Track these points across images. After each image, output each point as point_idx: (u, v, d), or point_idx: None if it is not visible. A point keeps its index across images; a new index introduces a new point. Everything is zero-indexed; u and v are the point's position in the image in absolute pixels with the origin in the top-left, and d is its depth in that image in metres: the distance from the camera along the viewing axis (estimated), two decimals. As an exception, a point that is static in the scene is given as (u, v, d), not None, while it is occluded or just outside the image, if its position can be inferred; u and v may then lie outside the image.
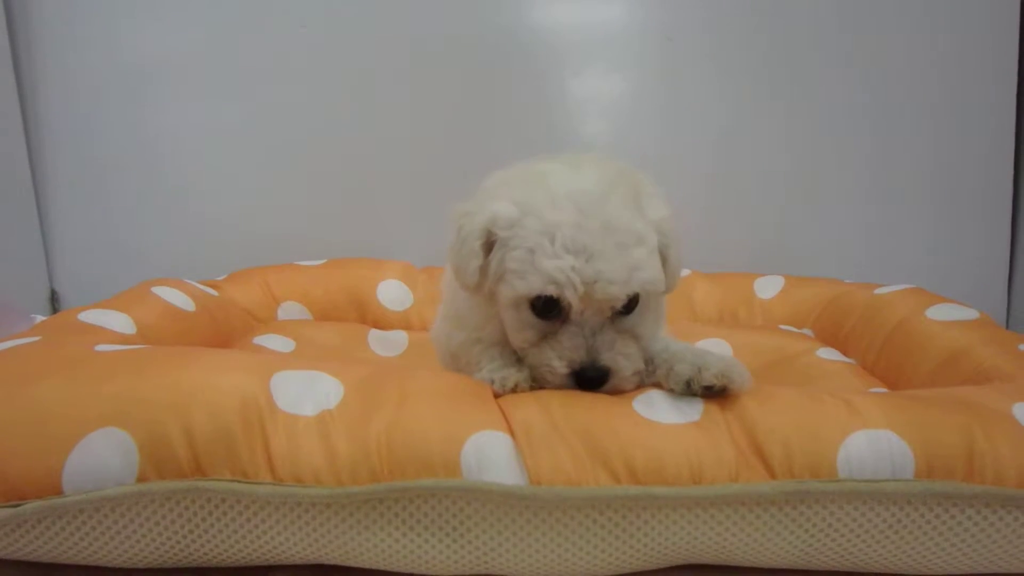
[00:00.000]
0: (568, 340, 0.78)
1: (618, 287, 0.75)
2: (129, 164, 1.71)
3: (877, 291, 1.35)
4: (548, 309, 0.78)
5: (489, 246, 0.80)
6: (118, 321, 1.01)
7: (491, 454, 0.68)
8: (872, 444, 0.70)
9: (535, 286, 0.76)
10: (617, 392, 0.79)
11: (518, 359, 0.85)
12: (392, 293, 1.53)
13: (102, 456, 0.65)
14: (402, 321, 1.50)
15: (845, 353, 1.29)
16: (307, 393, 0.72)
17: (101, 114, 1.70)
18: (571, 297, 0.75)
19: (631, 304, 0.79)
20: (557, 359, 0.78)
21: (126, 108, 1.70)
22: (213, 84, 1.70)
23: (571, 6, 1.71)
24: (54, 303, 1.73)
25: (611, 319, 0.79)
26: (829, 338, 1.38)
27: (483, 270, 0.81)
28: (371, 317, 1.51)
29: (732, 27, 1.69)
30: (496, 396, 0.78)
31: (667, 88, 1.73)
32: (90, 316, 0.99)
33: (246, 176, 1.74)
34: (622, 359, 0.78)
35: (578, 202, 0.76)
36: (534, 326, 0.80)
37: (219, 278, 1.49)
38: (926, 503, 0.69)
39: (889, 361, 1.18)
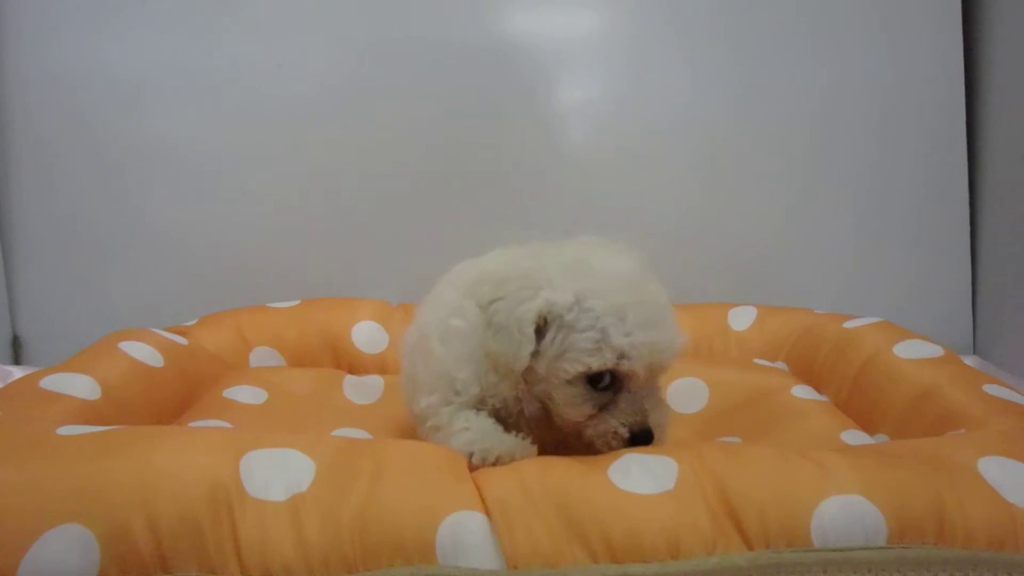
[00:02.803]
0: (628, 406, 0.84)
1: (671, 354, 0.84)
2: (96, 205, 1.68)
3: (846, 324, 1.37)
4: (603, 381, 0.83)
5: (539, 331, 0.84)
6: (82, 385, 0.98)
7: (466, 536, 0.67)
8: (844, 509, 0.70)
9: (609, 361, 0.81)
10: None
11: (495, 424, 0.87)
12: (367, 335, 1.51)
13: (60, 554, 0.63)
14: (377, 364, 1.49)
15: (818, 389, 1.30)
16: (277, 474, 0.70)
17: (69, 153, 1.67)
18: (640, 368, 0.82)
19: None
20: (621, 426, 0.84)
21: (94, 147, 1.67)
22: (181, 125, 1.69)
23: (551, 16, 1.72)
24: (16, 348, 1.69)
25: None
26: (803, 371, 1.39)
27: (535, 353, 0.85)
28: (346, 360, 1.49)
29: (712, 54, 1.72)
30: (471, 468, 0.77)
31: (641, 118, 1.74)
32: (52, 382, 0.97)
33: (216, 212, 1.72)
34: (665, 420, 0.87)
35: (629, 284, 0.84)
36: (591, 399, 0.84)
37: (189, 322, 1.46)
38: (900, 569, 0.68)
39: (860, 399, 1.20)
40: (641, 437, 0.84)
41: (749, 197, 1.75)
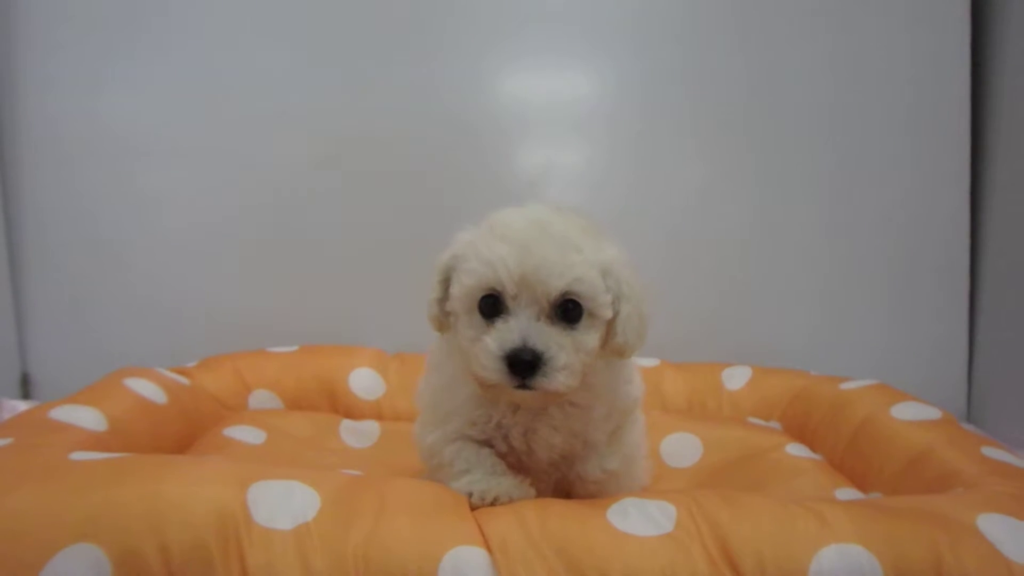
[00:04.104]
0: (504, 327, 0.81)
1: (551, 277, 0.80)
2: (103, 251, 1.71)
3: (842, 386, 1.38)
4: (494, 309, 0.82)
5: (448, 282, 0.87)
6: (89, 418, 1.00)
7: (468, 572, 0.68)
8: (843, 559, 0.71)
9: (475, 273, 0.81)
10: (549, 392, 0.81)
11: (494, 465, 0.87)
12: (364, 382, 1.53)
13: (74, 573, 0.64)
14: (373, 410, 1.50)
15: (812, 448, 1.31)
16: (284, 505, 0.72)
17: (77, 198, 1.70)
18: (505, 280, 0.80)
19: (572, 313, 0.83)
20: (492, 341, 0.80)
21: (101, 192, 1.70)
22: (183, 170, 1.72)
23: (543, 79, 1.76)
24: (25, 386, 1.70)
25: (552, 322, 0.82)
26: (797, 431, 1.40)
27: (442, 303, 0.87)
28: (343, 406, 1.50)
29: (702, 119, 1.76)
30: (472, 507, 0.78)
31: (632, 183, 1.77)
32: (61, 413, 0.98)
33: (219, 259, 1.74)
34: (555, 347, 0.81)
35: (520, 215, 0.85)
36: (479, 326, 0.83)
37: (190, 364, 1.48)
38: (897, 620, 0.70)
39: (855, 459, 1.20)
40: (520, 361, 0.79)
41: (739, 259, 1.78)
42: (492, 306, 0.82)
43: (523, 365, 0.79)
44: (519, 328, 0.80)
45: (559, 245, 0.81)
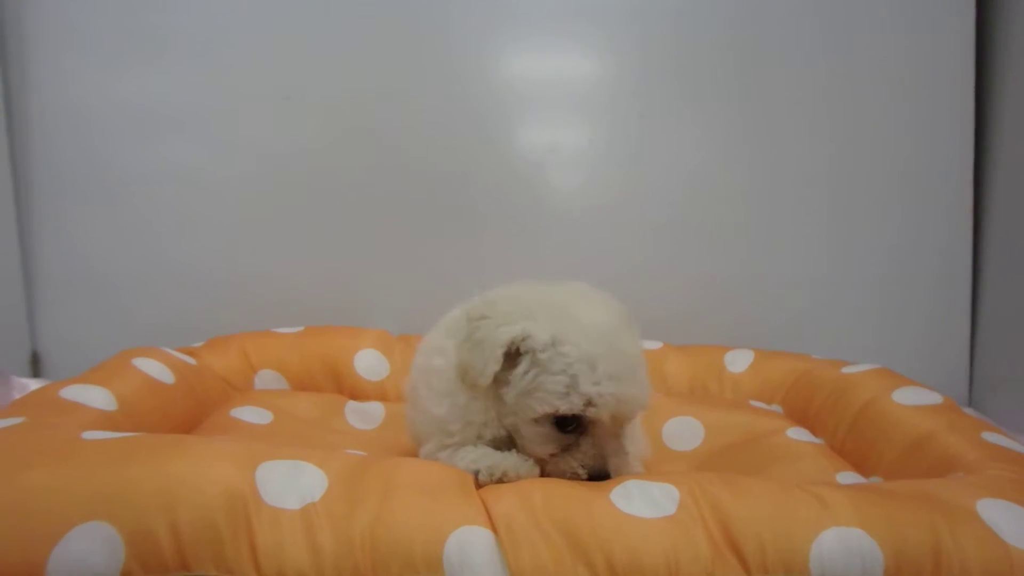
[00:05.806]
0: (590, 450, 0.87)
1: (637, 406, 0.88)
2: (112, 230, 1.72)
3: (844, 370, 1.38)
4: (570, 424, 0.86)
5: (510, 358, 0.87)
6: (99, 397, 1.01)
7: (472, 551, 0.69)
8: (843, 542, 0.72)
9: (576, 405, 0.84)
10: None
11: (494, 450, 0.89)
12: (369, 363, 1.54)
13: (87, 551, 0.66)
14: (378, 392, 1.51)
15: (814, 432, 1.32)
16: (292, 485, 0.73)
17: (85, 181, 1.71)
18: (605, 416, 0.85)
19: None
20: (581, 468, 0.86)
21: (109, 176, 1.71)
22: (192, 148, 1.73)
23: (544, 59, 1.76)
24: (35, 365, 1.72)
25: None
26: (798, 415, 1.41)
27: (500, 378, 0.88)
28: (348, 387, 1.51)
29: (702, 98, 1.76)
30: (478, 485, 0.79)
31: (633, 164, 1.78)
32: (71, 392, 0.99)
33: (226, 241, 1.75)
34: (625, 467, 0.90)
35: (604, 334, 0.86)
36: (556, 439, 0.88)
37: (197, 344, 1.49)
38: (895, 602, 0.71)
39: (856, 443, 1.21)
40: (596, 477, 0.86)
41: (742, 242, 1.78)
42: (570, 420, 0.86)
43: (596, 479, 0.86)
44: (601, 453, 0.87)
45: (640, 373, 0.88)
